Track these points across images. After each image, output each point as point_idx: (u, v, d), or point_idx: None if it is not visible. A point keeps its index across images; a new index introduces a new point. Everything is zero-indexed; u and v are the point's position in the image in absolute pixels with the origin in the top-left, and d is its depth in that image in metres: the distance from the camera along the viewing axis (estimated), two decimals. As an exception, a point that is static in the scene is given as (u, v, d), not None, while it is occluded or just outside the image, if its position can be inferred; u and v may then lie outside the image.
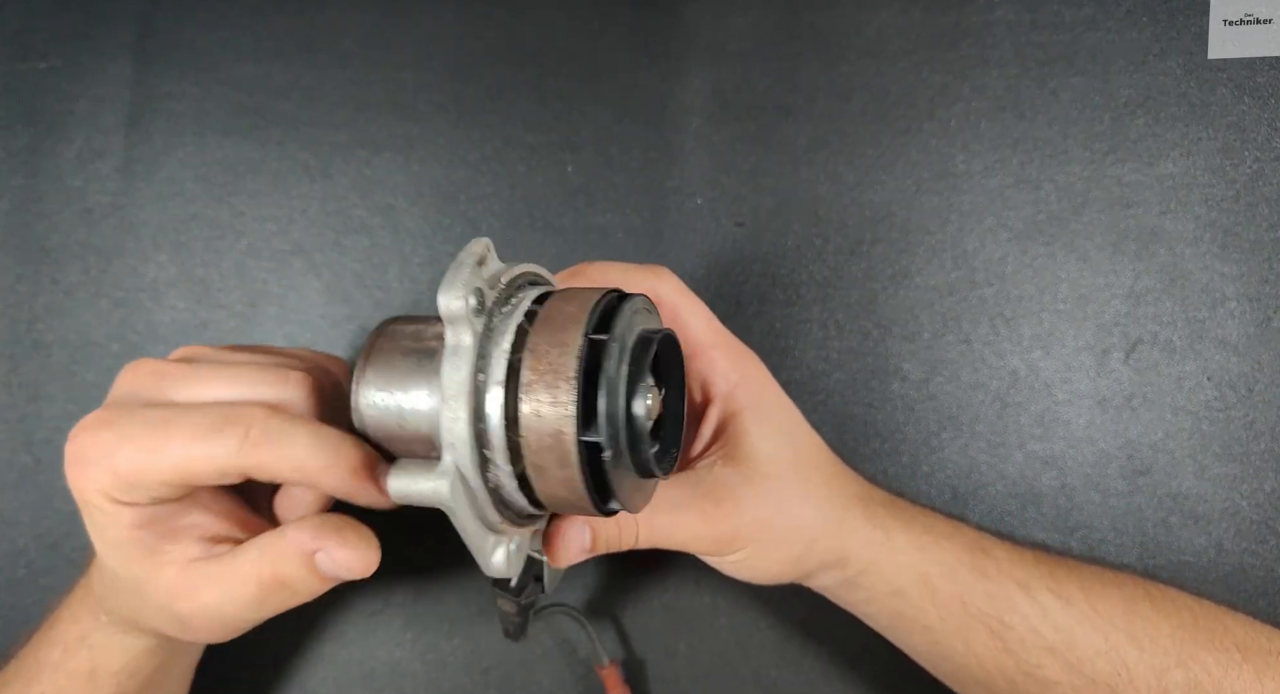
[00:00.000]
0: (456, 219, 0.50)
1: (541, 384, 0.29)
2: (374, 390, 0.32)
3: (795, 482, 0.39)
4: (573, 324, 0.30)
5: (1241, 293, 0.47)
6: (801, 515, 0.38)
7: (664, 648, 0.47)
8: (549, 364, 0.29)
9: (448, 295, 0.29)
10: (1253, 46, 0.49)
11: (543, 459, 0.30)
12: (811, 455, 0.40)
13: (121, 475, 0.30)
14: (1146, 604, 0.38)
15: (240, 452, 0.30)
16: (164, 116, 0.51)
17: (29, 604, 0.47)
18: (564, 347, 0.29)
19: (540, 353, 0.30)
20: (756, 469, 0.38)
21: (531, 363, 0.30)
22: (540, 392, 0.29)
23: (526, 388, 0.29)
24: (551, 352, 0.30)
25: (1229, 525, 0.46)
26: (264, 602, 0.33)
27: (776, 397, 0.40)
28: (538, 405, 0.29)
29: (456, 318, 0.29)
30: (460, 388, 0.29)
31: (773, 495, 0.38)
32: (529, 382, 0.29)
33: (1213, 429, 0.47)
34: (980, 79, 0.50)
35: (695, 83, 0.51)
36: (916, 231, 0.49)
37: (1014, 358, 0.48)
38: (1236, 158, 0.48)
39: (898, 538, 0.39)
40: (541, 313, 0.31)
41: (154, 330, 0.49)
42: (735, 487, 0.38)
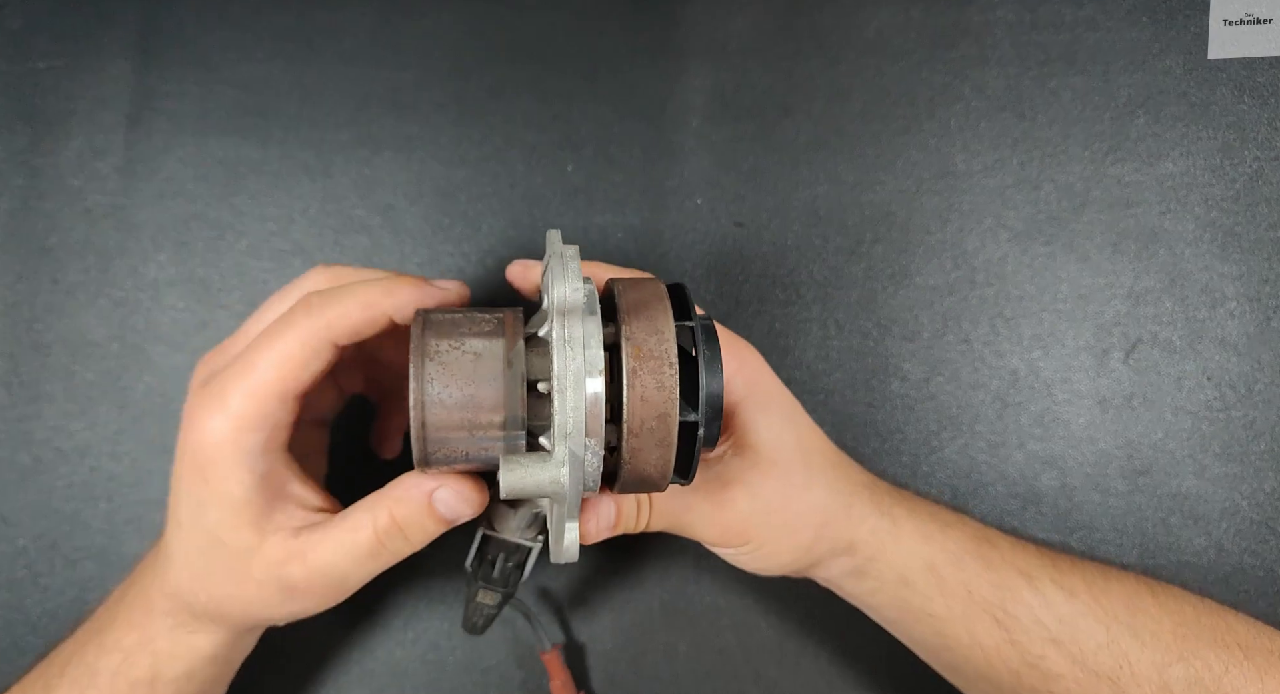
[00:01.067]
0: (456, 219, 0.50)
1: (646, 370, 0.31)
2: (440, 388, 0.31)
3: (801, 468, 0.39)
4: (660, 312, 0.32)
5: (1241, 293, 0.47)
6: (810, 501, 0.39)
7: (664, 648, 0.47)
8: (649, 351, 0.31)
9: (565, 287, 0.30)
10: (1253, 46, 0.49)
11: (642, 440, 0.31)
12: (815, 443, 0.40)
13: (243, 402, 0.34)
14: (1149, 599, 0.39)
15: (309, 319, 0.34)
16: (164, 116, 0.51)
17: (29, 604, 0.47)
18: (660, 334, 0.31)
19: (638, 340, 0.31)
20: (762, 456, 0.38)
21: (632, 350, 0.31)
22: (645, 376, 0.31)
23: (631, 375, 0.31)
24: (650, 339, 0.31)
25: (1229, 525, 0.46)
26: (378, 553, 0.35)
27: (775, 386, 0.40)
28: (644, 390, 0.31)
29: (572, 309, 0.30)
30: (577, 377, 0.30)
31: (780, 482, 0.38)
32: (633, 369, 0.31)
33: (1213, 429, 0.47)
34: (980, 79, 0.50)
35: (695, 82, 0.51)
36: (916, 231, 0.49)
37: (1014, 358, 0.48)
38: (1237, 157, 0.48)
39: (904, 525, 0.40)
40: (623, 302, 0.32)
41: (154, 330, 0.49)
42: (743, 473, 0.38)
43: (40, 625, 0.47)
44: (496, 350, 0.32)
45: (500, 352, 0.32)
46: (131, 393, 0.48)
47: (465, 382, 0.31)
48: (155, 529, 0.47)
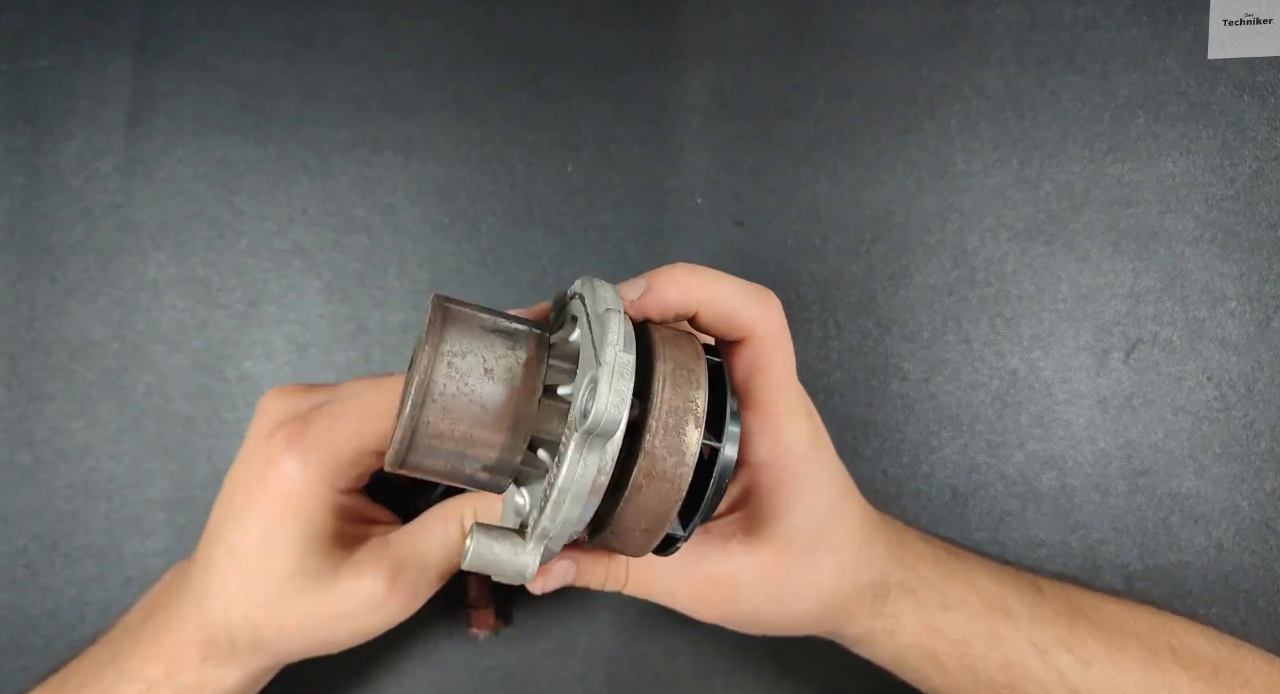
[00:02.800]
0: (456, 218, 0.50)
1: (651, 490, 0.29)
2: (440, 413, 0.30)
3: (805, 569, 0.36)
4: (689, 423, 0.29)
5: (1241, 292, 0.47)
6: (800, 606, 0.37)
7: (664, 648, 0.47)
8: (662, 472, 0.29)
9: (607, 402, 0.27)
10: (1253, 46, 0.49)
11: (623, 541, 0.30)
12: (835, 540, 0.37)
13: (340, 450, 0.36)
14: (1167, 655, 0.38)
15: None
16: (164, 115, 0.51)
17: (29, 604, 0.47)
18: (681, 456, 0.29)
19: (657, 456, 0.29)
20: (768, 554, 0.36)
21: (645, 467, 0.29)
22: (649, 495, 0.29)
23: (635, 491, 0.29)
24: (669, 459, 0.29)
25: (1229, 525, 0.46)
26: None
27: (821, 472, 0.37)
28: (643, 503, 0.29)
29: (604, 430, 0.27)
30: (578, 496, 0.28)
31: (775, 584, 0.36)
32: (639, 486, 0.29)
33: (1213, 429, 0.47)
34: (980, 78, 0.50)
35: (695, 82, 0.51)
36: (916, 231, 0.49)
37: (1014, 357, 0.48)
38: (1236, 157, 0.48)
39: (906, 624, 0.38)
40: (658, 404, 0.29)
41: (154, 329, 0.49)
42: (740, 570, 0.36)
43: (40, 625, 0.47)
44: (514, 381, 0.30)
45: (516, 388, 0.30)
46: (131, 392, 0.48)
47: (474, 400, 0.30)
48: (155, 529, 0.48)
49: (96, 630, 0.47)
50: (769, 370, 0.34)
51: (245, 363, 0.49)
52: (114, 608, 0.47)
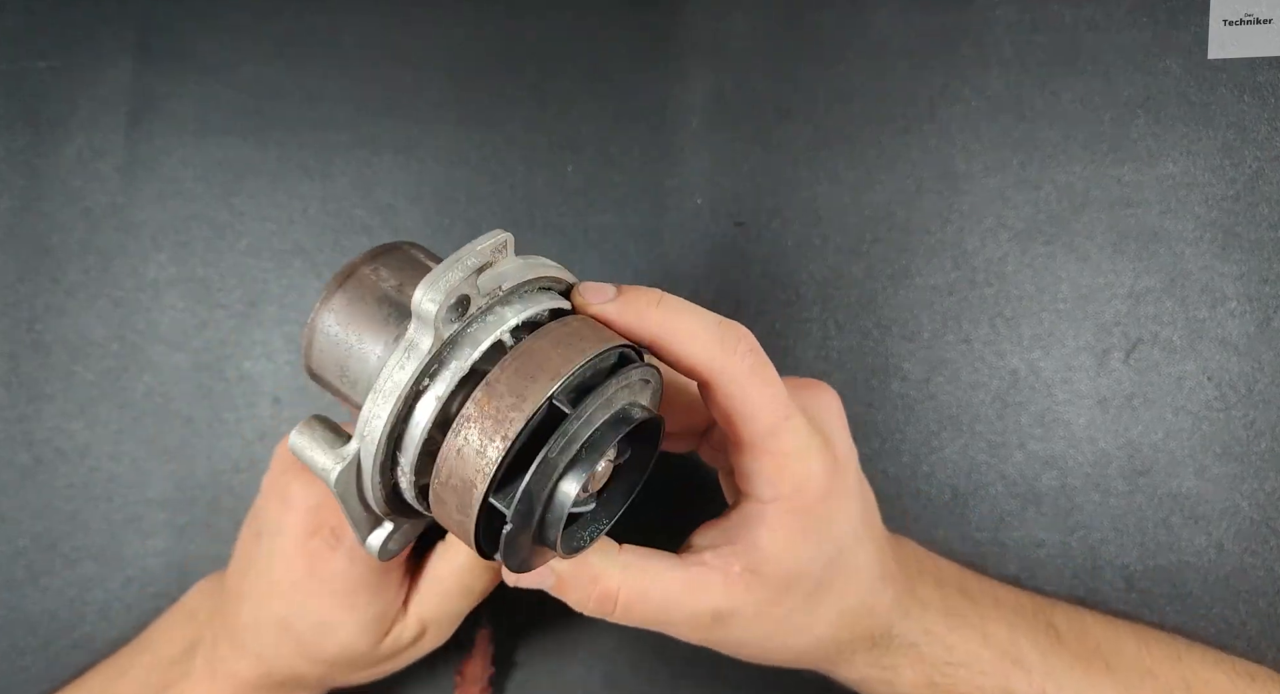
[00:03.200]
0: (456, 219, 0.50)
1: (478, 427, 0.27)
2: (333, 321, 0.30)
3: (804, 612, 0.35)
4: (544, 377, 0.27)
5: (1242, 292, 0.47)
6: (794, 644, 0.36)
7: (663, 648, 0.47)
8: (496, 410, 0.27)
9: (424, 292, 0.26)
10: (1253, 46, 0.49)
11: (446, 493, 0.28)
12: (841, 586, 0.35)
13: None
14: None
15: None
16: (164, 116, 0.51)
17: (29, 604, 0.47)
18: (520, 400, 0.27)
19: (495, 393, 0.27)
20: (768, 593, 0.34)
21: (480, 399, 0.27)
22: (473, 432, 0.27)
23: (463, 420, 0.27)
24: (506, 398, 0.27)
25: (1229, 525, 0.46)
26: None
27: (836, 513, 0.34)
28: (464, 444, 0.27)
29: (424, 318, 0.27)
30: (395, 389, 0.27)
31: (771, 622, 0.35)
32: (468, 416, 0.27)
33: (1213, 429, 0.46)
34: (980, 79, 0.50)
35: (695, 83, 0.51)
36: (917, 231, 0.49)
37: (1014, 358, 0.48)
38: (1237, 157, 0.48)
39: (905, 676, 0.37)
40: (523, 346, 0.28)
41: (154, 330, 0.49)
42: (737, 605, 0.34)
43: (40, 625, 0.47)
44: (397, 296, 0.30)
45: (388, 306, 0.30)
46: (131, 393, 0.48)
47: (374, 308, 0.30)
48: (155, 529, 0.48)
49: (97, 630, 0.47)
50: (745, 414, 0.32)
51: (245, 363, 0.49)
52: (114, 608, 0.47)
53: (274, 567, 0.37)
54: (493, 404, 0.27)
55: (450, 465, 0.27)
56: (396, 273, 0.31)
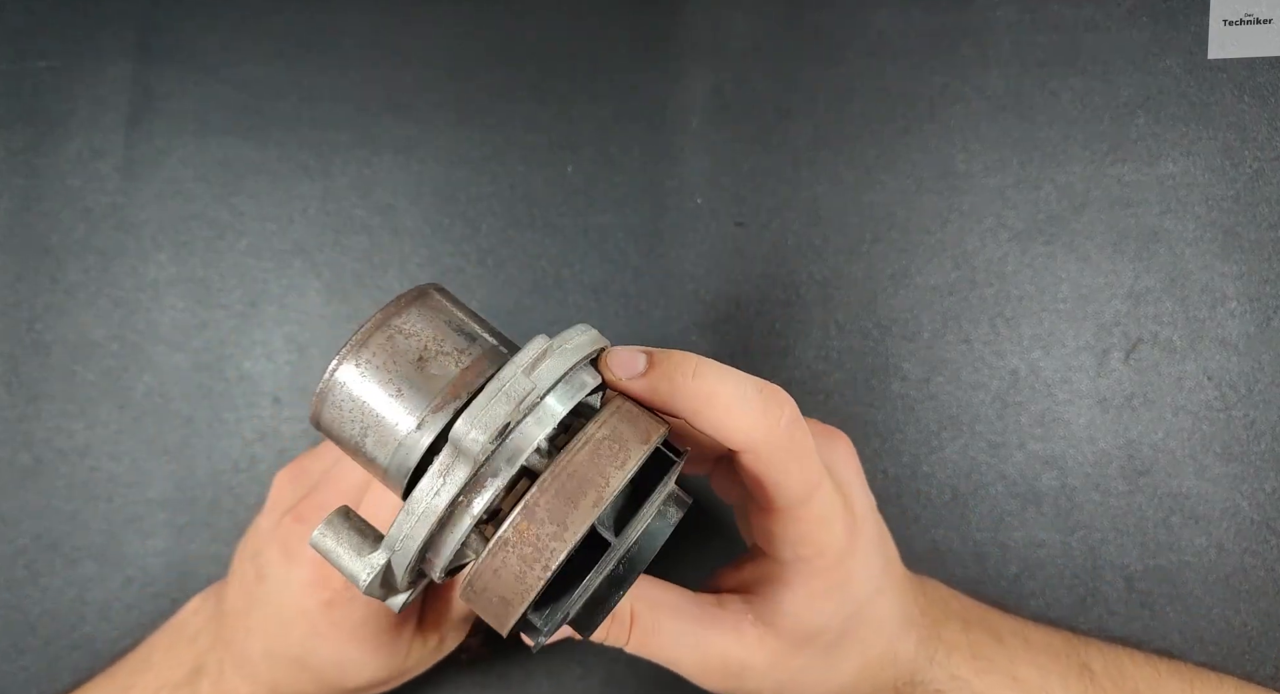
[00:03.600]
0: (456, 219, 0.50)
1: (517, 553, 0.26)
2: (351, 391, 0.28)
3: (823, 667, 0.34)
4: (585, 502, 0.26)
5: (1242, 292, 0.47)
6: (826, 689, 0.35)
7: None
8: (536, 538, 0.26)
9: (466, 428, 0.25)
10: (1253, 47, 0.49)
11: (479, 599, 0.27)
12: (861, 638, 0.34)
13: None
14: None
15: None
16: (164, 116, 0.51)
17: (29, 604, 0.47)
18: (562, 529, 0.26)
19: (535, 518, 0.26)
20: (784, 646, 0.33)
21: (520, 525, 0.26)
22: (511, 557, 0.26)
23: (501, 544, 0.26)
24: (546, 525, 0.26)
25: (1229, 525, 0.46)
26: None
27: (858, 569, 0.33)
28: (501, 567, 0.26)
29: (466, 452, 0.25)
30: (431, 515, 0.26)
31: (787, 674, 0.33)
32: (507, 540, 0.26)
33: (1213, 429, 0.46)
34: (980, 79, 0.50)
35: (695, 83, 0.51)
36: (917, 231, 0.49)
37: (1014, 358, 0.48)
38: (1237, 157, 0.48)
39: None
40: (562, 464, 0.26)
41: (154, 330, 0.49)
42: (751, 655, 0.33)
43: (40, 625, 0.47)
44: (441, 382, 0.27)
45: (440, 389, 0.27)
46: (131, 393, 0.48)
47: (395, 380, 0.27)
48: (155, 529, 0.48)
49: (97, 630, 0.47)
50: (779, 484, 0.31)
51: (245, 363, 0.49)
52: (114, 608, 0.47)
53: (284, 610, 0.37)
54: (533, 530, 0.26)
55: (486, 581, 0.27)
56: (415, 339, 0.28)
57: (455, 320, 0.29)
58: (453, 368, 0.28)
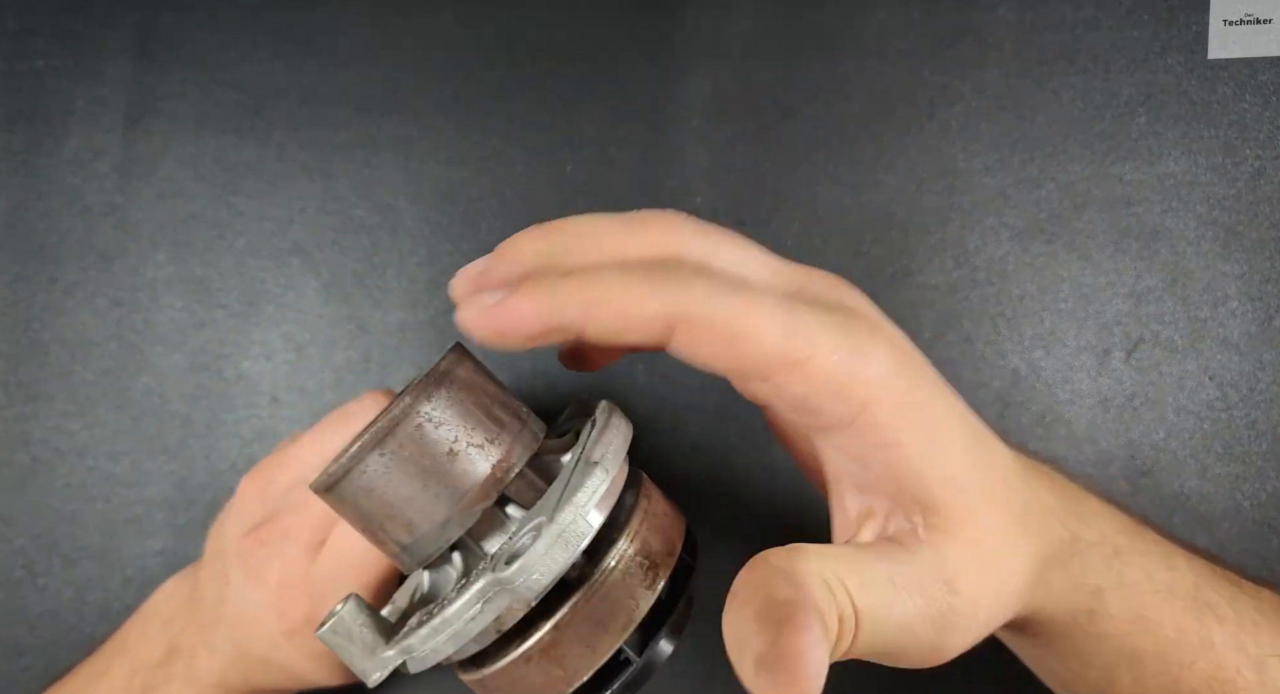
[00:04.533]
0: (456, 219, 0.50)
1: (540, 670, 0.26)
2: (381, 468, 0.26)
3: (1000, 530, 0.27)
4: (615, 626, 0.26)
5: (1244, 292, 0.47)
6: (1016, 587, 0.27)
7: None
8: (563, 657, 0.26)
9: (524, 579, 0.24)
10: (1253, 46, 0.49)
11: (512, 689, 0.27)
12: (993, 489, 0.28)
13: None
14: None
15: None
16: (163, 116, 0.51)
17: (27, 605, 0.47)
18: (590, 651, 0.26)
19: (565, 638, 0.26)
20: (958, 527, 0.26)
21: (548, 643, 0.26)
22: (534, 673, 0.26)
23: (523, 659, 0.26)
24: (575, 647, 0.26)
25: (1231, 525, 0.46)
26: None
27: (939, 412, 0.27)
28: (521, 680, 0.26)
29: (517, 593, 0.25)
30: (461, 637, 0.26)
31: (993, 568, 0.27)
32: (529, 656, 0.26)
33: (1215, 429, 0.46)
34: (980, 78, 0.50)
35: (695, 82, 0.51)
36: (917, 231, 0.49)
37: (1015, 357, 0.48)
38: (1238, 156, 0.48)
39: (1112, 605, 0.29)
40: (595, 586, 0.26)
41: (152, 329, 0.49)
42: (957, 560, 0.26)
43: (38, 625, 0.47)
44: (471, 478, 0.27)
45: (470, 486, 0.27)
46: (130, 392, 0.48)
47: (422, 475, 0.26)
48: (154, 529, 0.48)
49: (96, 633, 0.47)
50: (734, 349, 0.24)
51: (244, 363, 0.49)
52: (113, 608, 0.47)
53: (246, 624, 0.37)
54: (560, 650, 0.26)
55: (501, 685, 0.27)
56: (445, 428, 0.27)
57: (483, 403, 0.28)
58: (483, 464, 0.27)
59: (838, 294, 0.28)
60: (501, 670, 0.26)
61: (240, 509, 0.39)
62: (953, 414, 0.27)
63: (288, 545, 0.37)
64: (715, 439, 0.48)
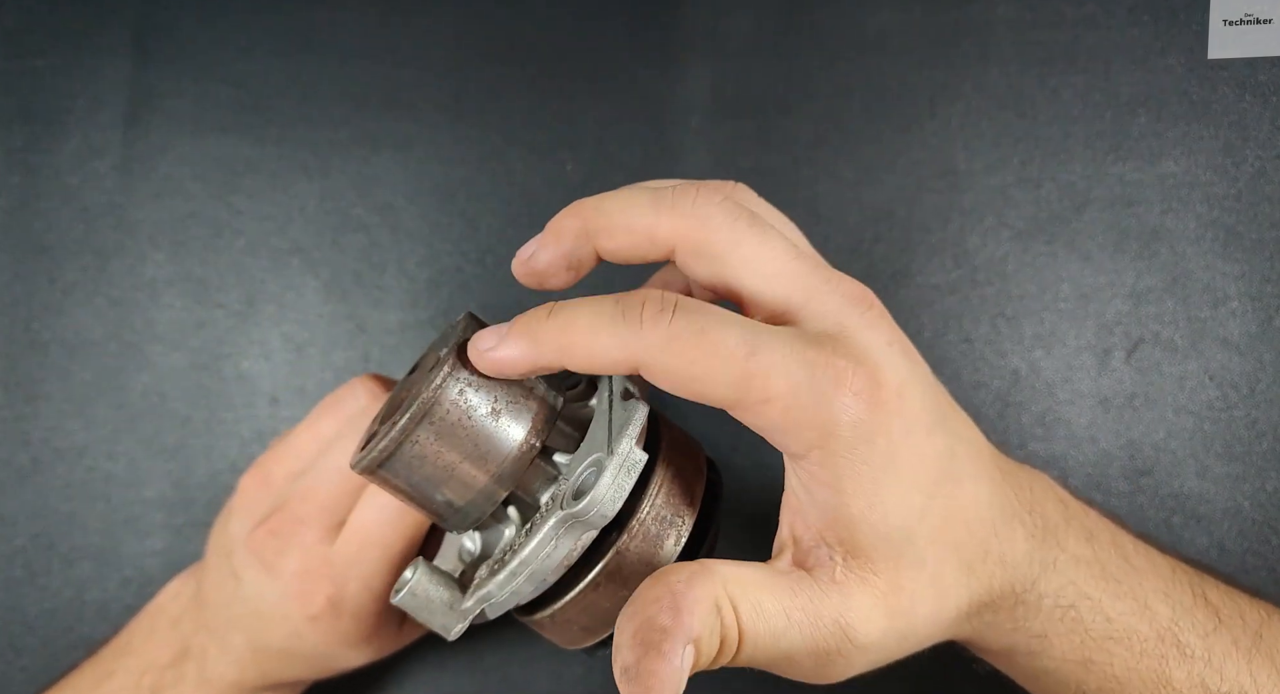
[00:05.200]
0: (455, 218, 0.50)
1: (608, 593, 0.28)
2: (415, 453, 0.28)
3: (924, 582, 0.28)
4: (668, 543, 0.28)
5: (1244, 292, 0.47)
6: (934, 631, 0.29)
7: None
8: (630, 581, 0.28)
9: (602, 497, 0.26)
10: (1253, 46, 0.49)
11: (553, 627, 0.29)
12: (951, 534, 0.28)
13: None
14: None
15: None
16: (162, 114, 0.51)
17: (26, 605, 0.47)
18: (651, 569, 0.27)
19: (630, 561, 0.28)
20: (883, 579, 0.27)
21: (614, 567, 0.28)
22: (603, 597, 0.28)
23: (592, 586, 0.28)
24: (638, 568, 0.28)
25: (1231, 525, 0.46)
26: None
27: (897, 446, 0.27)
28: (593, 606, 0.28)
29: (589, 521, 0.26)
30: (541, 574, 0.27)
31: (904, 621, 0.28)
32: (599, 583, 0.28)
33: (1215, 429, 0.46)
34: (981, 77, 0.50)
35: (695, 80, 0.50)
36: (917, 230, 0.49)
37: (1015, 357, 0.48)
38: (1238, 156, 0.48)
39: (1055, 648, 0.30)
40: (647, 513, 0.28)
41: (151, 329, 0.49)
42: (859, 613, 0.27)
43: (38, 625, 0.47)
44: (517, 431, 0.29)
45: (516, 439, 0.29)
46: (129, 392, 0.48)
47: (471, 436, 0.28)
48: (153, 529, 0.47)
49: (95, 630, 0.47)
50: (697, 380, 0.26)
51: (243, 362, 0.49)
52: (112, 608, 0.47)
53: (264, 614, 0.37)
54: (624, 573, 0.28)
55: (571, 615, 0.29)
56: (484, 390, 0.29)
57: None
58: (525, 417, 0.29)
59: (840, 316, 0.28)
60: (573, 601, 0.28)
61: (243, 506, 0.39)
62: (916, 460, 0.28)
63: (304, 532, 0.37)
64: (715, 439, 0.48)
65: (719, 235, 0.28)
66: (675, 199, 0.29)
